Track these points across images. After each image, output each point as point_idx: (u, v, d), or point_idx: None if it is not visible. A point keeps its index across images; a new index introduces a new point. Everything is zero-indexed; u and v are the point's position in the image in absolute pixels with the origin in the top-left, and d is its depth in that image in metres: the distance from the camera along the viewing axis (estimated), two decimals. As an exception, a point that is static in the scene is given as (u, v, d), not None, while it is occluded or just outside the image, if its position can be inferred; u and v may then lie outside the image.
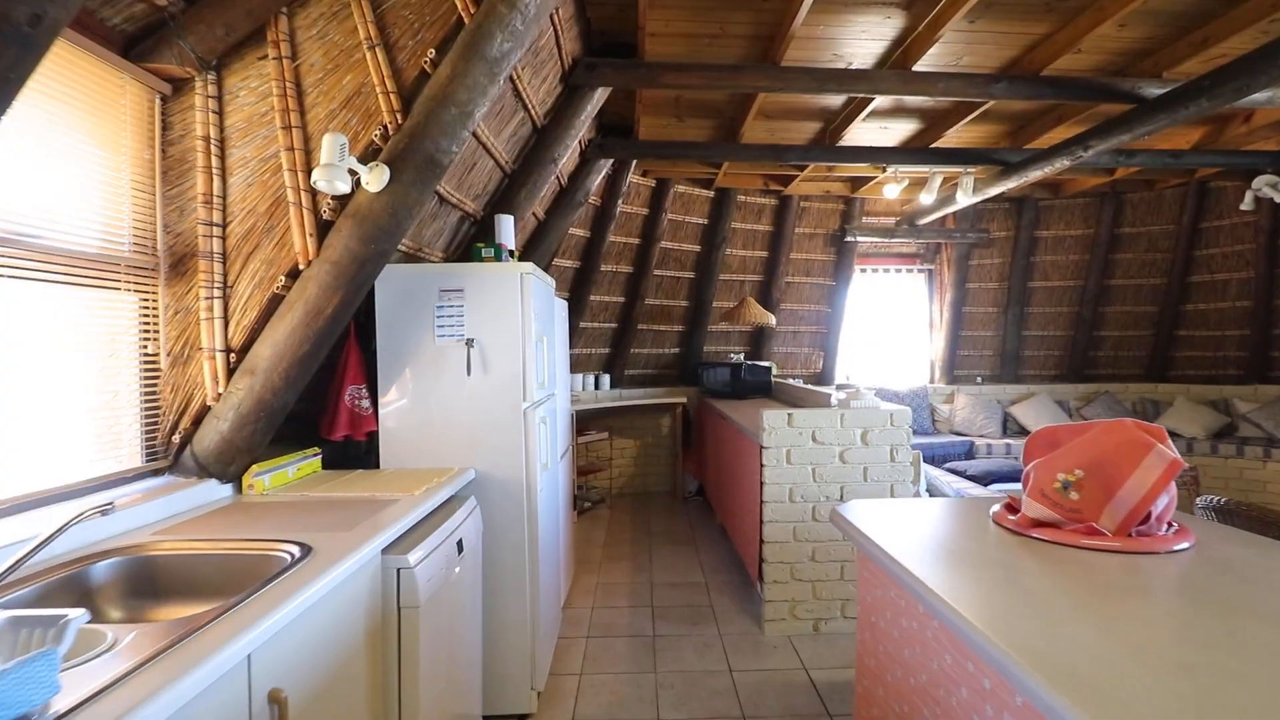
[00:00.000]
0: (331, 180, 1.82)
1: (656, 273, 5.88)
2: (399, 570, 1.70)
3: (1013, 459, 5.66)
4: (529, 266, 2.52)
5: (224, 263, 2.02)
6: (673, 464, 6.18)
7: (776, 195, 5.93)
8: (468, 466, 2.47)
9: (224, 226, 2.02)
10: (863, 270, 6.56)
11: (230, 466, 2.04)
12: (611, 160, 4.49)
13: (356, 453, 2.73)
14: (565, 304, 3.92)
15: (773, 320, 5.41)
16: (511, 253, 2.78)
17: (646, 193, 5.48)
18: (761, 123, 4.32)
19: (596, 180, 4.45)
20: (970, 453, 5.69)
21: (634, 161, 4.87)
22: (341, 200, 2.00)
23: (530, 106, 2.98)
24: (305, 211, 1.98)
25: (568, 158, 4.03)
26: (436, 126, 1.98)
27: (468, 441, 2.49)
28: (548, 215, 4.38)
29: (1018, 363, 6.72)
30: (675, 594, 3.70)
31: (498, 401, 2.49)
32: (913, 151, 4.45)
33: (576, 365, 5.91)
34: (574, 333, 5.58)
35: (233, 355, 2.02)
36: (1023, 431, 6.16)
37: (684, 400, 5.85)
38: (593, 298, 5.62)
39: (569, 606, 3.55)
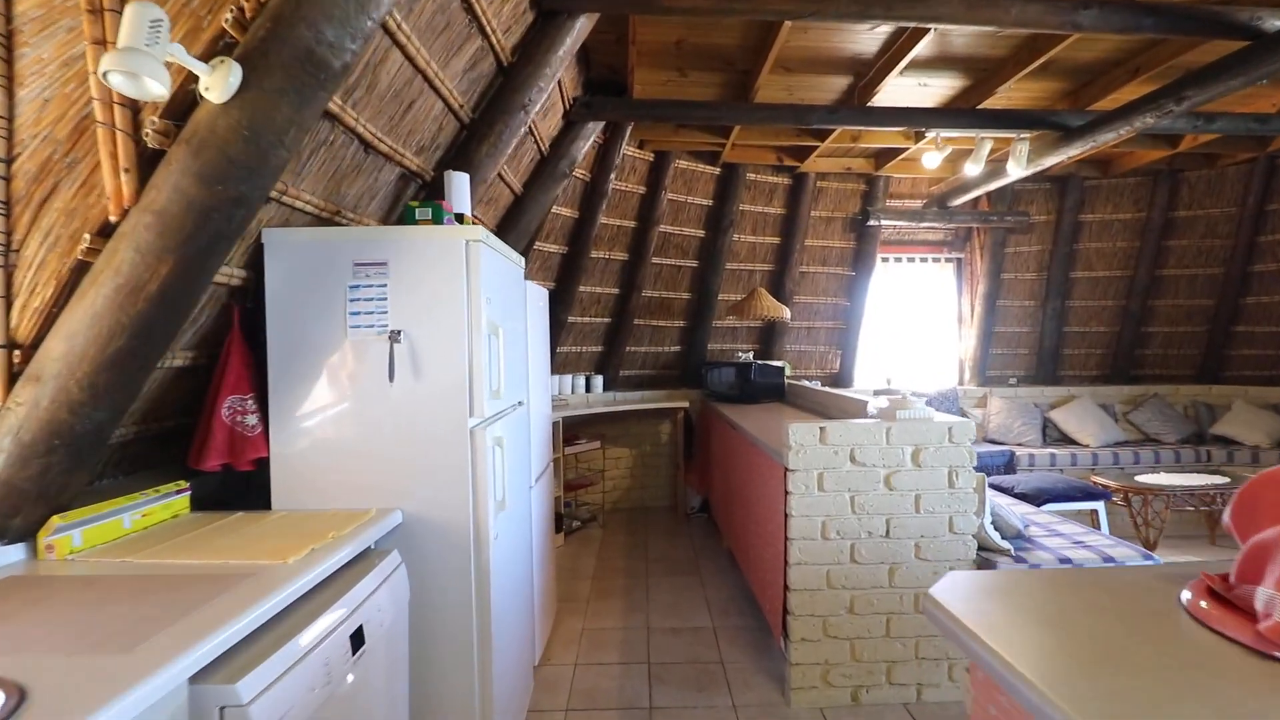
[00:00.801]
0: (137, 74, 1.14)
1: (655, 261, 5.20)
2: (222, 711, 1.02)
3: (1058, 471, 4.99)
4: (478, 232, 1.84)
5: (6, 214, 1.35)
6: (673, 476, 5.50)
7: (790, 173, 5.25)
8: (391, 508, 1.80)
9: (9, 162, 1.35)
10: (884, 259, 5.88)
11: (13, 519, 1.36)
12: (601, 124, 3.81)
13: (262, 482, 2.05)
14: (545, 293, 3.25)
15: (786, 314, 4.74)
16: (460, 217, 2.10)
17: (643, 168, 4.80)
18: (779, 77, 3.64)
19: (584, 148, 3.78)
20: (1011, 464, 5.02)
21: (628, 128, 4.19)
22: (176, 119, 1.33)
23: (490, 33, 2.31)
24: (119, 134, 1.31)
25: (547, 116, 3.36)
26: (316, 6, 1.31)
27: (392, 473, 1.82)
28: (526, 188, 3.70)
29: (1056, 362, 6.05)
30: (677, 645, 3.03)
31: (434, 418, 1.81)
32: (957, 113, 3.77)
33: (564, 365, 5.23)
34: (560, 328, 4.91)
35: (17, 353, 1.35)
36: (1065, 439, 5.49)
37: (686, 405, 5.18)
38: (582, 288, 4.94)
39: (546, 663, 2.88)
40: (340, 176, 1.99)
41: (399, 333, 1.80)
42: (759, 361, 4.93)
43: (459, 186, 2.25)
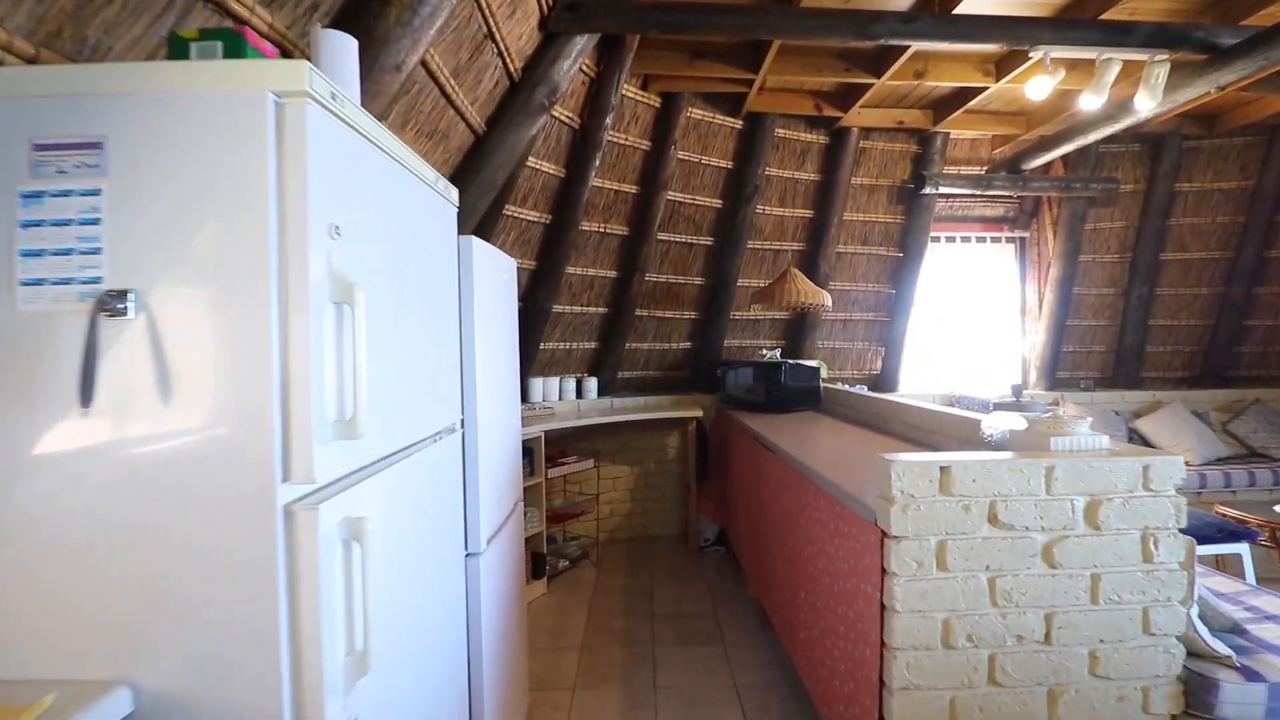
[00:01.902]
0: None
1: (662, 237, 4.22)
2: None
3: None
4: (302, 73, 0.86)
5: None
6: (683, 499, 4.53)
7: (828, 128, 4.27)
8: (103, 683, 0.82)
9: None
10: (934, 239, 4.90)
11: None
12: (592, 41, 2.83)
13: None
14: (510, 265, 2.29)
15: (827, 300, 3.76)
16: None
17: (647, 116, 3.82)
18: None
19: (569, 73, 2.80)
20: (1104, 489, 4.03)
21: (628, 58, 3.21)
22: None
23: None
24: None
25: (515, 15, 2.38)
26: None
27: (106, 609, 0.84)
28: (491, 125, 2.73)
29: (1139, 361, 5.07)
30: (700, 777, 2.06)
31: (197, 488, 0.83)
32: (1075, 25, 2.79)
33: (549, 365, 4.26)
34: (543, 319, 3.93)
35: None
36: (1162, 456, 4.49)
37: (698, 414, 4.20)
38: (572, 270, 3.97)
39: (505, 815, 1.90)
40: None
41: (124, 296, 0.82)
42: (791, 361, 3.95)
43: (339, 55, 1.28)
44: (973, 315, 5.13)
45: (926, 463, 1.57)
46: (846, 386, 4.22)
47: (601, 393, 4.41)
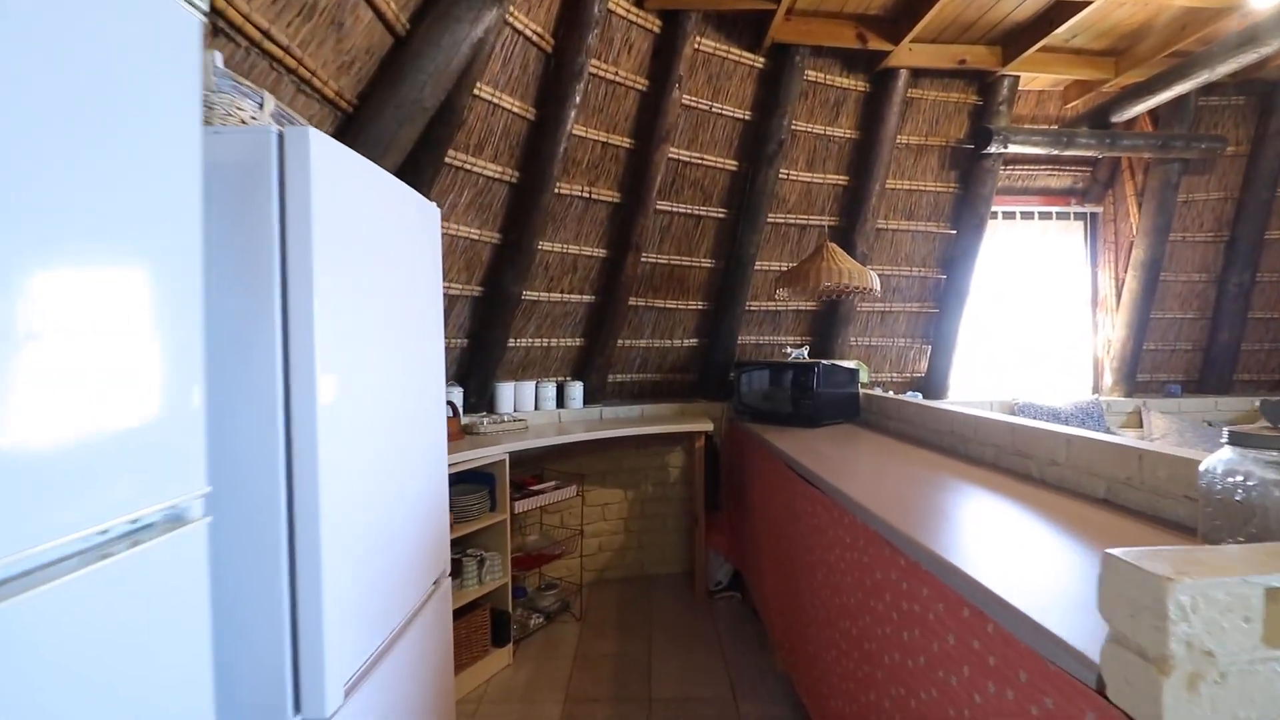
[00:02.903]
0: None
1: (662, 206, 3.39)
2: None
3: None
4: None
5: None
6: (689, 533, 3.70)
7: (868, 73, 3.43)
8: None
9: None
10: (992, 215, 4.06)
11: None
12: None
13: None
14: (432, 212, 1.47)
15: (875, 282, 2.91)
16: None
17: (643, 44, 2.98)
18: None
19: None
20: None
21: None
22: None
23: None
24: None
25: None
26: None
27: None
28: (415, 24, 1.89)
29: (1232, 362, 4.22)
30: None
31: None
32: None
33: (523, 368, 3.42)
34: (512, 308, 3.09)
35: None
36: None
37: (707, 427, 3.35)
38: (548, 246, 3.13)
39: None
40: None
41: None
42: (826, 362, 3.11)
43: None
44: (1034, 306, 4.29)
45: (1233, 586, 0.72)
46: (884, 392, 3.39)
47: (588, 400, 3.57)
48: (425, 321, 1.67)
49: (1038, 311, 4.29)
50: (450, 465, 2.46)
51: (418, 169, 2.28)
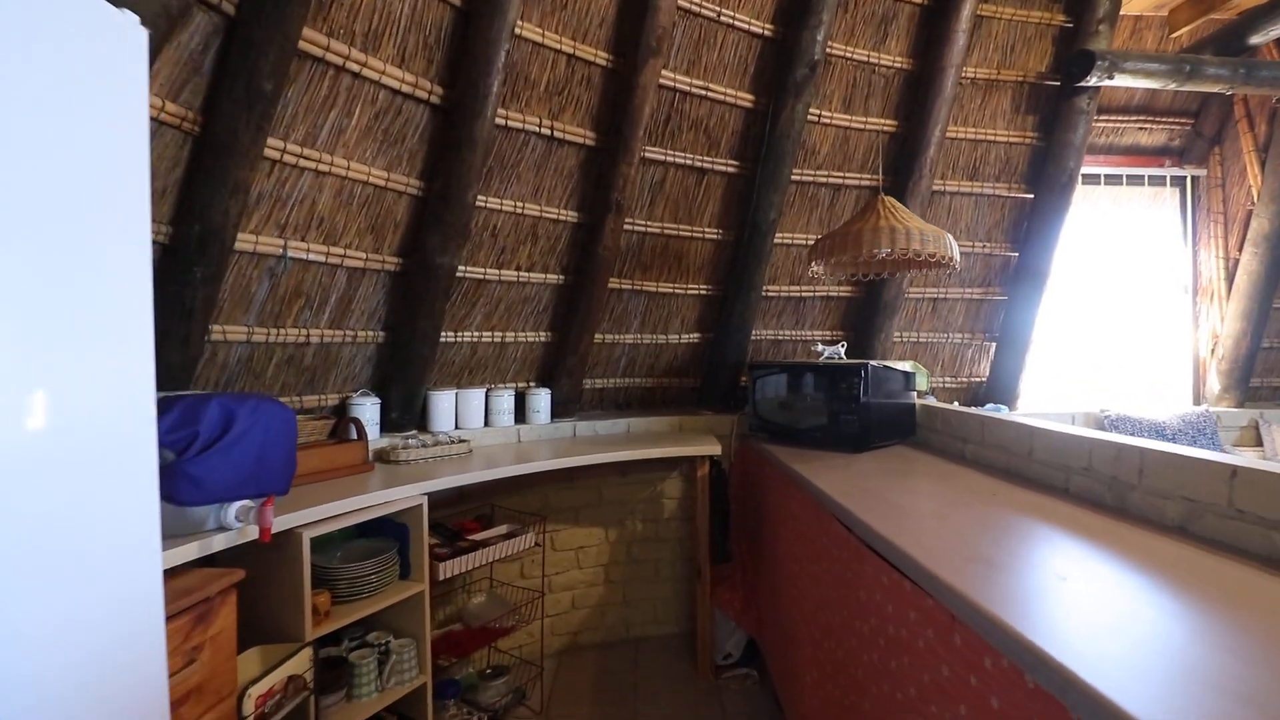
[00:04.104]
0: None
1: (652, 154, 2.53)
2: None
3: None
4: None
5: None
6: (690, 586, 2.85)
7: (928, -22, 2.58)
8: None
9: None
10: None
11: None
12: None
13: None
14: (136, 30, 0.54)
15: (953, 249, 2.04)
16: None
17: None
18: None
19: None
20: None
21: None
22: None
23: None
24: None
25: None
26: None
27: None
28: None
29: (1369, 364, 3.37)
30: None
31: None
32: None
33: (469, 371, 2.57)
34: (442, 288, 2.23)
35: None
36: None
37: (713, 449, 2.49)
38: (490, 202, 2.28)
39: None
40: None
41: None
42: (877, 363, 2.26)
43: None
44: (1119, 294, 3.44)
45: None
46: (936, 402, 2.56)
47: (558, 413, 2.72)
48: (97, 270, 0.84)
49: (1124, 301, 3.44)
50: (321, 519, 1.61)
51: (252, 49, 1.42)
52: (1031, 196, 3.01)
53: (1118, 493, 1.46)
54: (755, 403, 2.57)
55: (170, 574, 1.27)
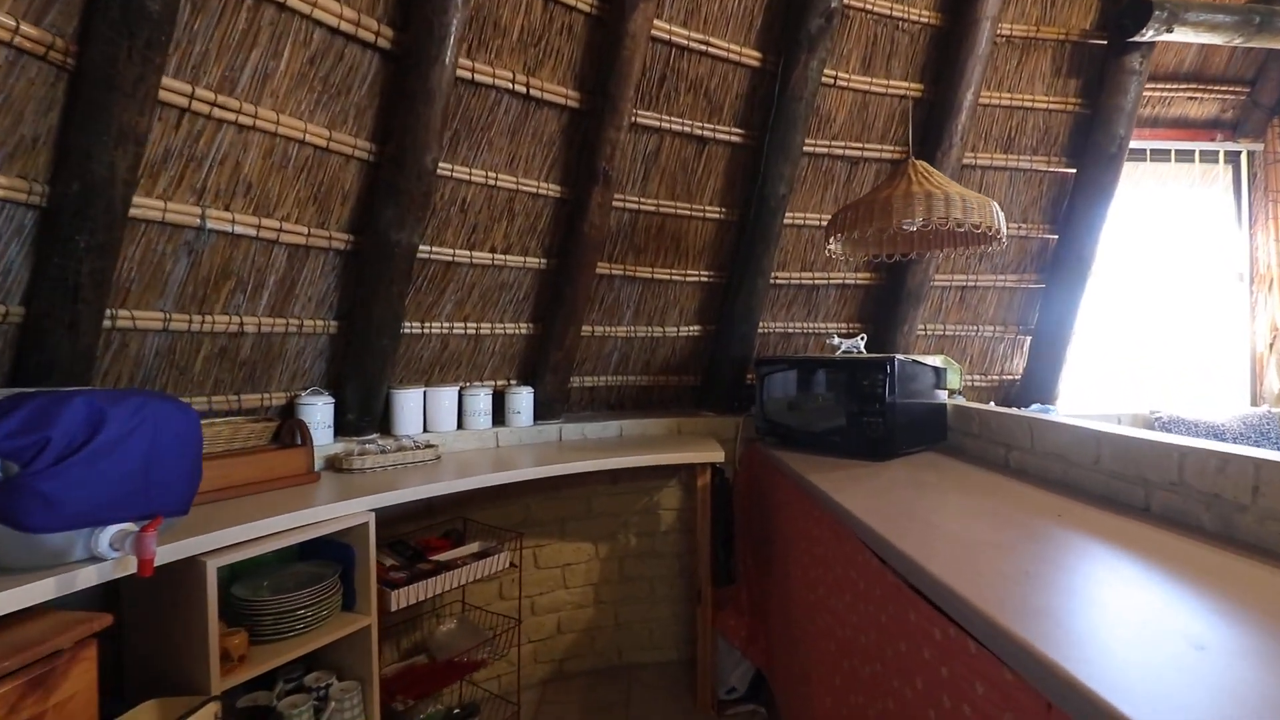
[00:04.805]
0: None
1: (645, 119, 2.23)
2: None
3: None
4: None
5: None
6: (690, 608, 2.55)
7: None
8: None
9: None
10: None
11: None
12: None
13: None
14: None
15: (999, 219, 1.72)
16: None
17: None
18: None
19: None
20: None
21: None
22: None
23: None
24: None
25: None
26: None
27: None
28: None
29: None
30: None
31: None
32: None
33: (439, 369, 2.28)
34: (400, 271, 1.93)
35: None
36: None
37: (716, 456, 2.19)
38: (454, 170, 1.98)
39: None
40: None
41: None
42: (905, 357, 1.95)
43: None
44: (1165, 282, 3.11)
45: None
46: (966, 402, 2.26)
47: (542, 414, 2.43)
48: None
49: (1171, 290, 3.10)
50: (231, 543, 1.32)
51: None
52: (1074, 171, 2.68)
53: (1221, 515, 1.15)
54: (763, 403, 2.26)
55: (4, 623, 0.98)
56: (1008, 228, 2.27)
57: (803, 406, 2.16)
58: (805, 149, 2.41)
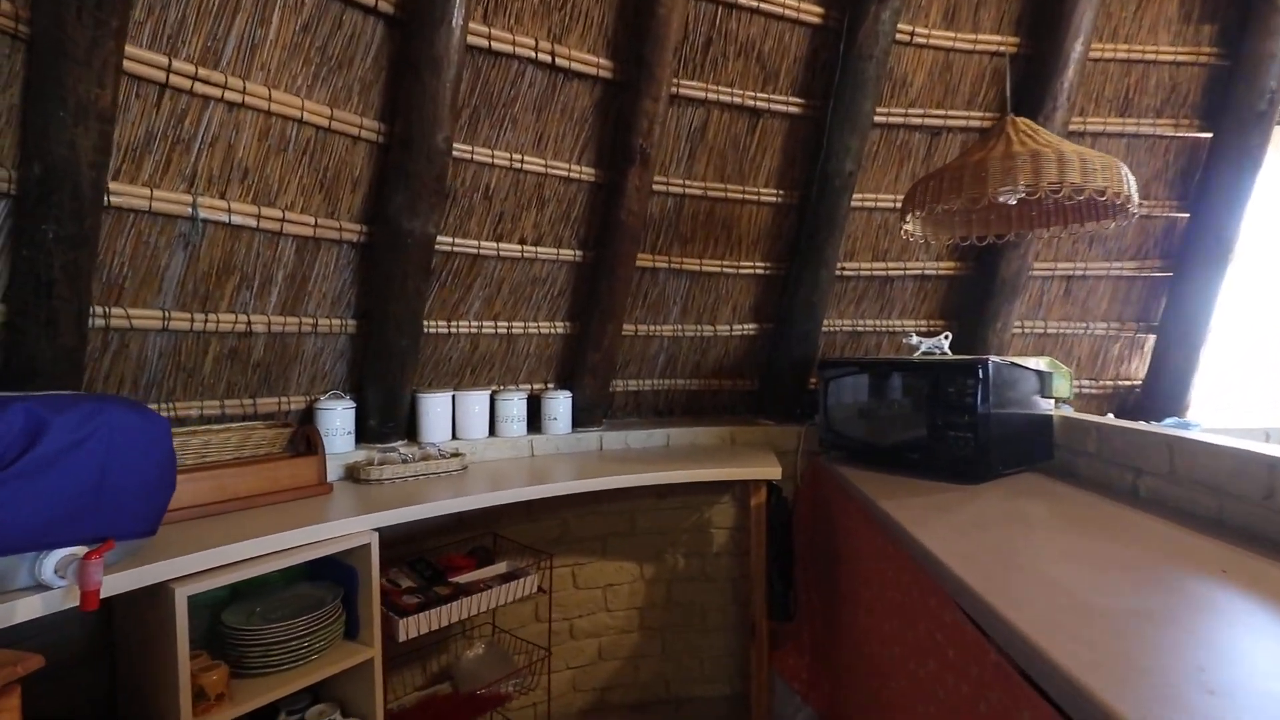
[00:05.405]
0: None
1: (688, 88, 1.98)
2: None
3: None
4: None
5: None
6: (744, 638, 2.28)
7: None
8: None
9: None
10: (1260, 111, 2.37)
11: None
12: None
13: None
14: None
15: (1129, 184, 1.37)
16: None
17: None
18: None
19: None
20: None
21: None
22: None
23: None
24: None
25: None
26: None
27: None
28: None
29: None
30: None
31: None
32: None
33: (470, 371, 2.11)
34: (417, 262, 1.77)
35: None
36: None
37: (773, 473, 1.91)
38: (476, 151, 1.80)
39: None
40: None
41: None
42: (1000, 359, 1.62)
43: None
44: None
45: None
46: (1075, 413, 1.88)
47: (580, 421, 2.22)
48: None
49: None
50: (205, 568, 1.17)
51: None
52: (1209, 136, 2.23)
53: None
54: (827, 411, 1.97)
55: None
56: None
57: (875, 416, 1.86)
58: (876, 119, 2.09)
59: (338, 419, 1.82)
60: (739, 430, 2.31)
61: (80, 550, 1.00)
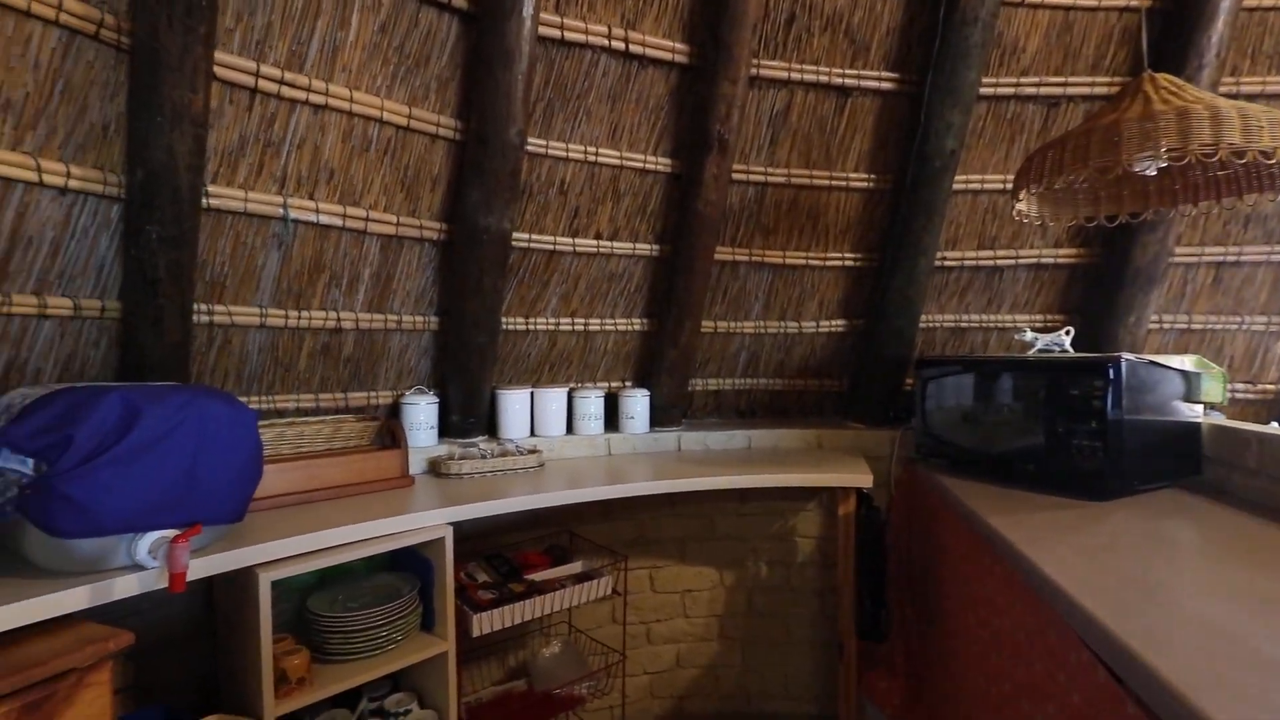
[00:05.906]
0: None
1: (770, 69, 1.87)
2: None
3: None
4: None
5: None
6: (831, 653, 2.13)
7: None
8: None
9: None
10: None
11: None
12: None
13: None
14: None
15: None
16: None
17: None
18: None
19: None
20: None
21: None
22: None
23: None
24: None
25: None
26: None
27: None
28: None
29: None
30: None
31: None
32: None
33: (548, 368, 2.11)
34: (493, 258, 1.77)
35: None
36: None
37: (863, 480, 1.76)
38: (550, 145, 1.78)
39: None
40: None
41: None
42: (1135, 357, 1.40)
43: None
44: None
45: None
46: (1228, 420, 1.60)
47: (658, 420, 2.17)
48: None
49: None
50: (287, 555, 1.21)
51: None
52: None
53: None
54: (926, 414, 1.80)
55: (19, 637, 0.90)
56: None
57: (981, 421, 1.67)
58: (983, 90, 1.89)
59: (421, 414, 1.86)
60: (826, 434, 2.17)
61: (170, 533, 1.05)
